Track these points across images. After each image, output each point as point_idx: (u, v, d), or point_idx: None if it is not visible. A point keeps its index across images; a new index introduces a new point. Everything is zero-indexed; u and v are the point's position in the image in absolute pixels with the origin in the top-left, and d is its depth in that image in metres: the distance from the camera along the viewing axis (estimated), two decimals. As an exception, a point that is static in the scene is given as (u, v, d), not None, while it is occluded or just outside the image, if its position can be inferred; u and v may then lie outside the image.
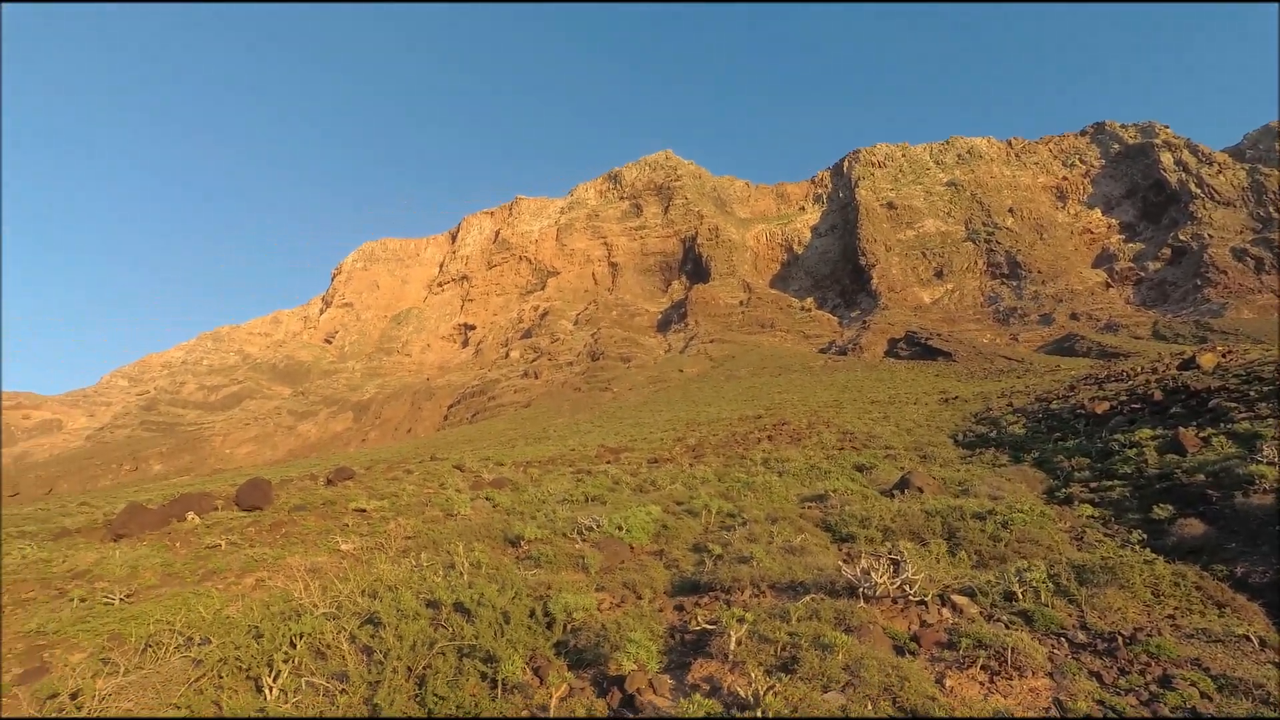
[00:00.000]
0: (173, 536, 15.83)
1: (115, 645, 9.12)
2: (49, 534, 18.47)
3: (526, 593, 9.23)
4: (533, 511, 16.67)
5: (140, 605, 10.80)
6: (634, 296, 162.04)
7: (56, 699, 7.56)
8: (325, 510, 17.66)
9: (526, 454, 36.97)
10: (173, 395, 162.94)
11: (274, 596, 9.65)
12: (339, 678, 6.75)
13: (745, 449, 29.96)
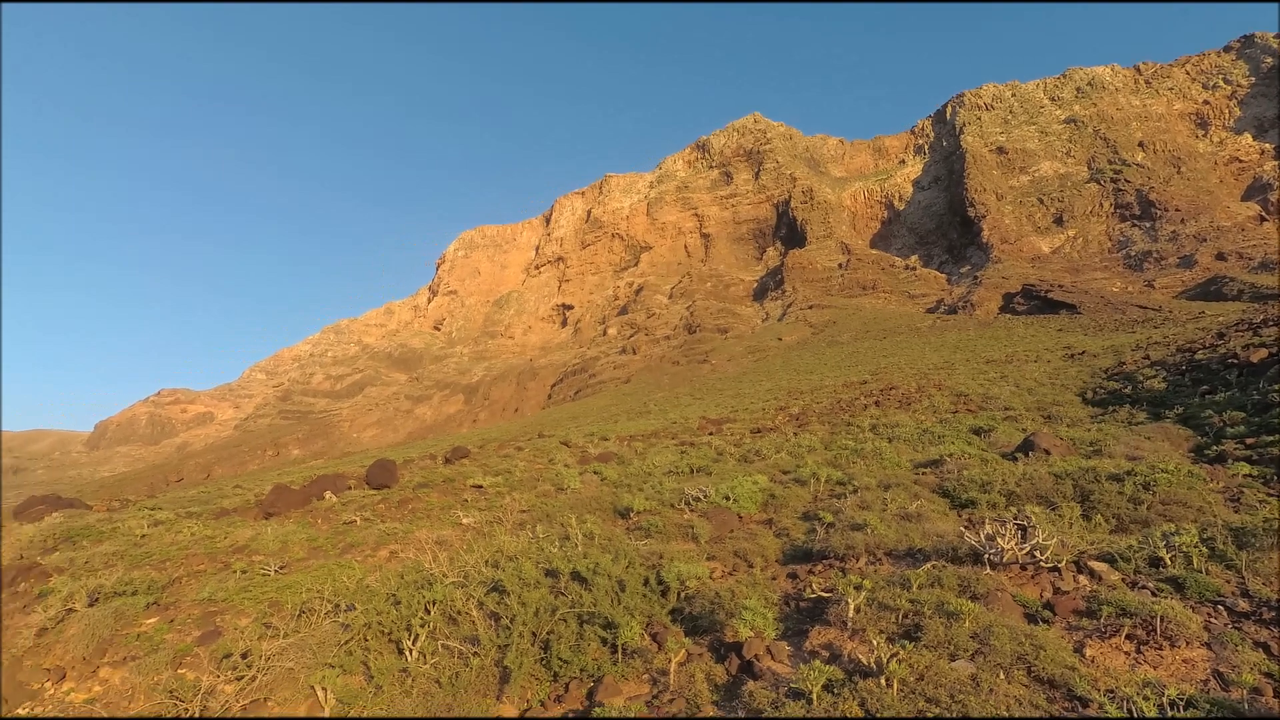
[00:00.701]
0: (314, 514, 17.26)
1: (274, 611, 10.10)
2: (211, 514, 20.57)
3: (639, 562, 9.44)
4: (639, 484, 16.96)
5: (292, 576, 11.88)
6: (728, 266, 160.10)
7: (230, 658, 8.47)
8: (446, 487, 18.70)
9: (629, 428, 37.59)
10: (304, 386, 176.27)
11: (407, 567, 10.36)
12: (471, 641, 7.19)
13: (852, 415, 29.16)
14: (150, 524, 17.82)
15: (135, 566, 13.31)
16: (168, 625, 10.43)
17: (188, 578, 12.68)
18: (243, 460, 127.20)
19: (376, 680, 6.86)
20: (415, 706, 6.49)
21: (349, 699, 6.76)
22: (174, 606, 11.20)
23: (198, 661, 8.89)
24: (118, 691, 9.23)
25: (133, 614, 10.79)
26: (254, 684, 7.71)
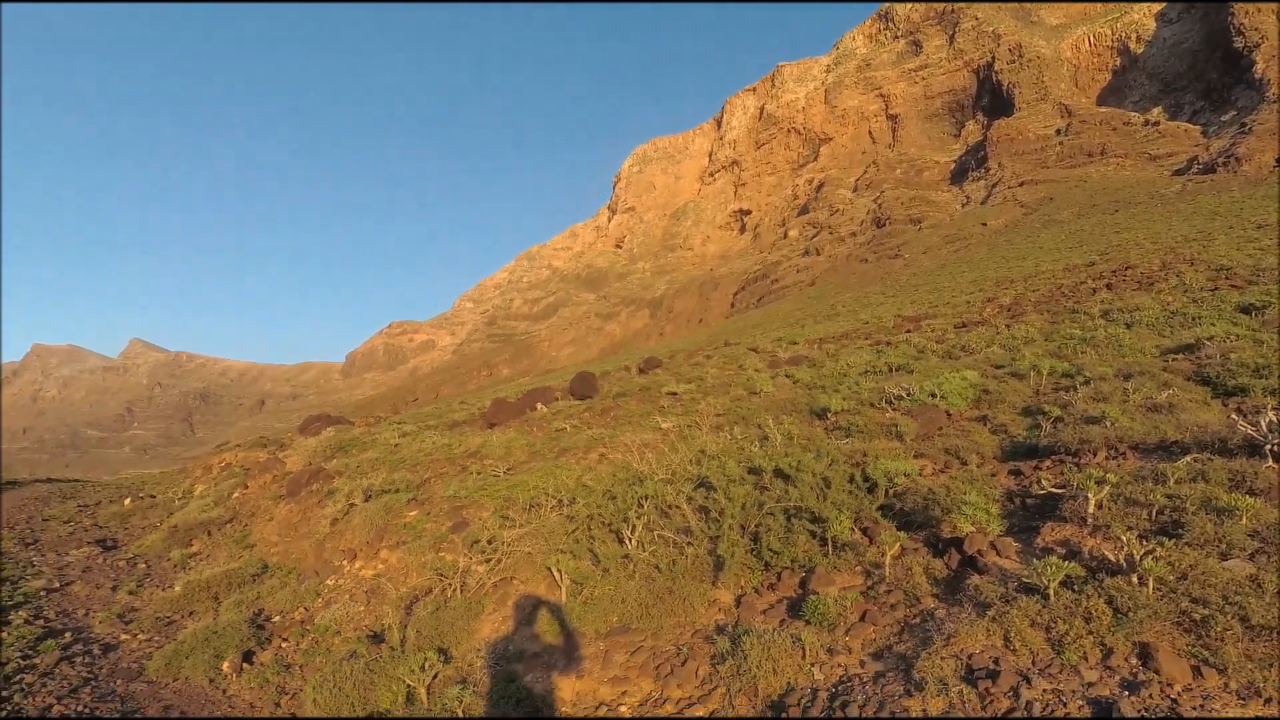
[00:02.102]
0: (529, 423, 18.98)
1: (508, 506, 11.39)
2: (445, 425, 23.40)
3: (843, 460, 9.30)
4: (834, 385, 16.54)
5: (518, 476, 13.27)
6: (919, 149, 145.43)
7: (478, 544, 9.75)
8: (642, 395, 19.59)
9: (817, 332, 36.53)
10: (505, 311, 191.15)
11: (617, 467, 11.11)
12: (684, 532, 7.60)
13: (1076, 301, 25.85)
14: (399, 435, 20.72)
15: (394, 470, 15.61)
16: (425, 517, 12.22)
17: (434, 478, 14.63)
18: (463, 380, 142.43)
19: (603, 564, 7.55)
20: (639, 589, 7.07)
21: (581, 579, 7.53)
22: (428, 502, 13.04)
23: (453, 546, 10.35)
24: (395, 569, 11.06)
25: (398, 508, 12.75)
26: (500, 565, 8.84)
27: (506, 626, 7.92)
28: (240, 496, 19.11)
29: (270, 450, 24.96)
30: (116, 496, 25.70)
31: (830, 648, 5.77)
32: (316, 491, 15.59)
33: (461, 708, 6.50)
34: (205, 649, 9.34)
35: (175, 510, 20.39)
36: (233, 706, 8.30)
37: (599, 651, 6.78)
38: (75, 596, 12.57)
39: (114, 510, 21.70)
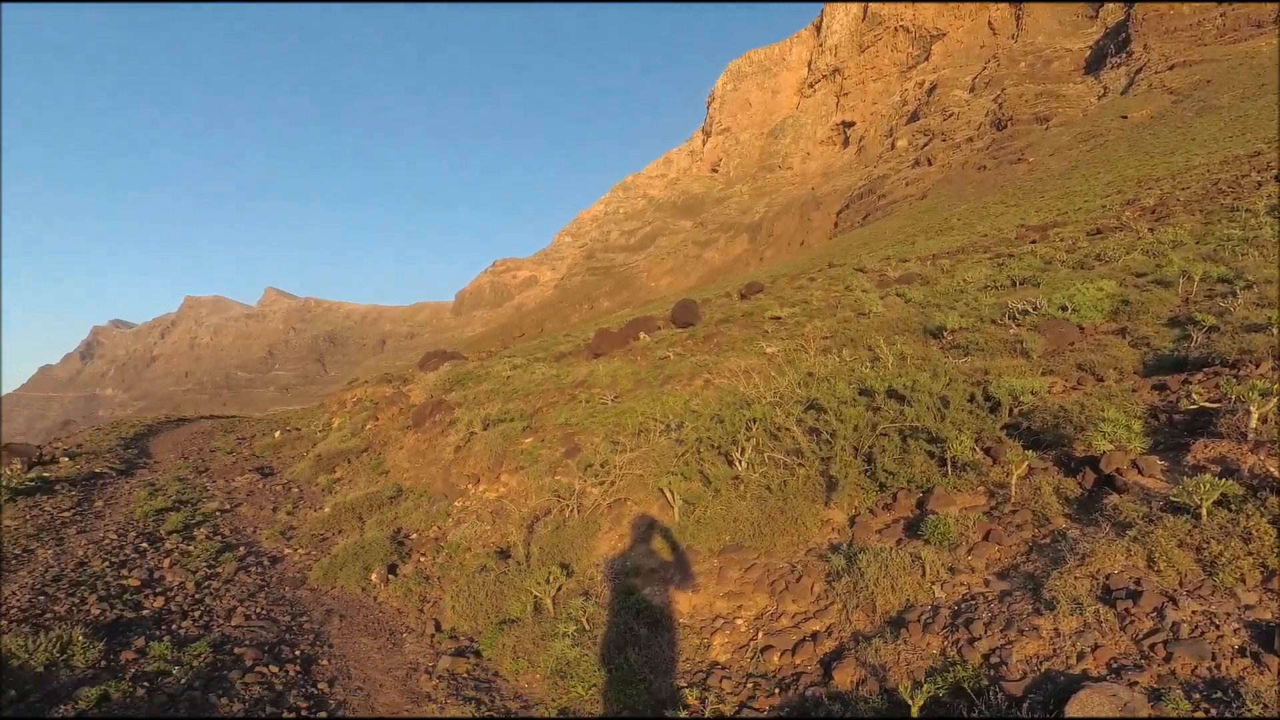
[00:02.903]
0: (633, 352, 19.25)
1: (617, 431, 11.72)
2: (552, 357, 24.15)
3: (961, 379, 8.86)
4: (950, 302, 15.65)
5: (625, 404, 13.57)
6: (1048, 36, 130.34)
7: (591, 468, 10.13)
8: (745, 321, 19.34)
9: (930, 248, 34.46)
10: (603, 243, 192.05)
11: (722, 392, 11.12)
12: (794, 454, 7.56)
13: (1237, 197, 22.90)
14: (510, 368, 21.59)
15: (508, 400, 16.36)
16: (540, 443, 12.79)
17: (546, 407, 15.21)
18: (565, 315, 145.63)
19: (714, 486, 7.67)
20: (750, 508, 7.16)
21: (692, 500, 7.70)
22: (541, 429, 13.63)
23: (568, 470, 10.81)
24: (515, 491, 11.73)
25: (514, 435, 13.40)
26: (613, 487, 9.17)
27: (622, 544, 8.27)
28: (372, 428, 20.67)
29: (395, 385, 26.75)
30: (268, 430, 28.50)
31: (952, 567, 5.65)
32: (439, 422, 16.63)
33: (585, 617, 6.91)
34: (355, 562, 10.37)
35: (318, 441, 22.40)
36: (383, 611, 9.23)
37: (713, 568, 6.97)
38: (243, 516, 14.19)
39: (267, 442, 24.12)
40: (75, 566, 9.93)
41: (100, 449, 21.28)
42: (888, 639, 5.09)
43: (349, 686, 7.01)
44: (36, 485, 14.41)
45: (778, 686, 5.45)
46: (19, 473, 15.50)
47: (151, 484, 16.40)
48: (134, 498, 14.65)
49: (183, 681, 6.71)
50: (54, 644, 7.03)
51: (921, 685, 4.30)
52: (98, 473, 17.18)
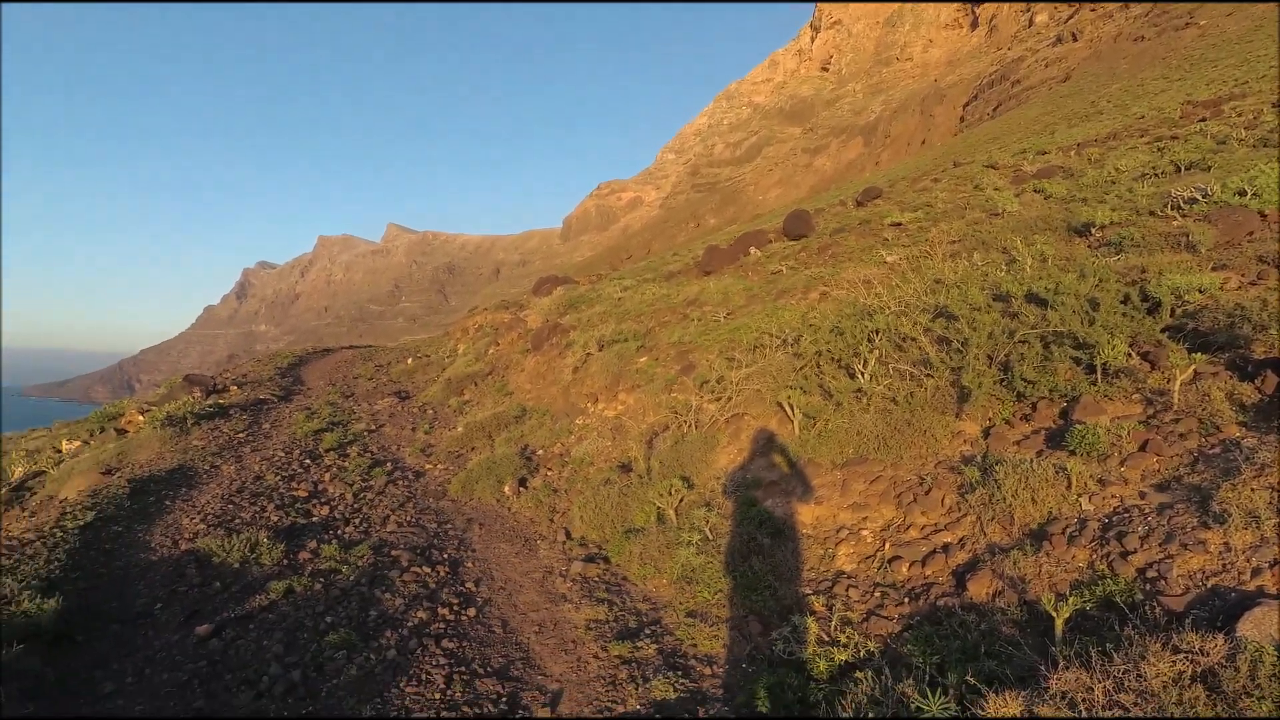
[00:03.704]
0: (744, 268, 18.83)
1: (731, 348, 11.63)
2: (661, 277, 24.09)
3: (1113, 278, 8.03)
4: (1099, 195, 14.08)
5: (738, 320, 13.39)
6: None
7: (707, 384, 10.16)
8: (862, 229, 18.35)
9: (1073, 136, 30.87)
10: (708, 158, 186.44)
11: (841, 304, 10.70)
12: (922, 364, 7.21)
13: None
14: (621, 290, 21.78)
15: (621, 321, 16.57)
16: (655, 362, 12.94)
17: (658, 327, 15.29)
18: (671, 234, 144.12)
19: (835, 399, 7.49)
20: (874, 421, 6.96)
21: (812, 413, 7.58)
22: (655, 348, 13.75)
23: (684, 387, 10.91)
24: (633, 409, 12.01)
25: (629, 355, 13.62)
26: (730, 403, 9.18)
27: (741, 458, 8.33)
28: (494, 352, 21.67)
29: (512, 311, 27.75)
30: (400, 358, 30.57)
31: (1101, 479, 5.28)
32: (556, 344, 17.16)
33: (708, 527, 7.08)
34: (489, 476, 11.10)
35: (446, 366, 23.81)
36: (517, 520, 9.89)
37: (835, 480, 6.89)
38: (387, 436, 15.46)
39: (401, 369, 25.92)
40: (253, 480, 11.26)
41: (262, 378, 23.67)
42: (1027, 552, 4.88)
43: (493, 586, 7.63)
44: (214, 411, 16.28)
45: (907, 596, 5.40)
46: (200, 400, 17.56)
47: (307, 408, 18.13)
48: (294, 420, 16.28)
49: (351, 579, 7.54)
50: (245, 545, 8.06)
51: (1067, 598, 4.11)
52: (262, 399, 19.16)
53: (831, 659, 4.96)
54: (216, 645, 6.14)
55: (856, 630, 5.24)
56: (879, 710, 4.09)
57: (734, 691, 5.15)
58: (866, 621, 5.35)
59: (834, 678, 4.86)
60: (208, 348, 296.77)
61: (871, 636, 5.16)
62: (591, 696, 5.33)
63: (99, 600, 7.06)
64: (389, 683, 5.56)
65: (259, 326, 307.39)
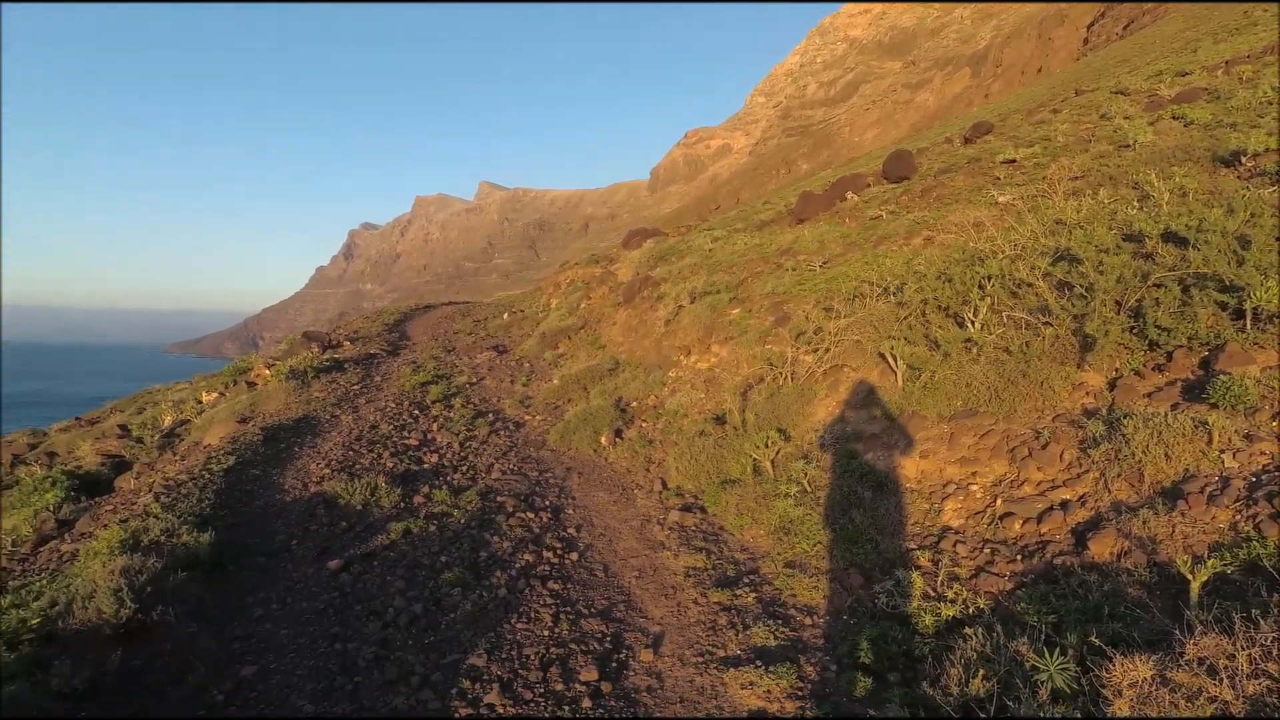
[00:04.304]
0: (840, 214, 18.11)
1: (829, 298, 11.29)
2: (752, 227, 23.54)
3: (1269, 213, 7.18)
4: (1252, 119, 12.54)
5: (835, 269, 12.95)
6: None
7: (803, 335, 9.94)
8: (971, 168, 17.18)
9: (1220, 53, 27.41)
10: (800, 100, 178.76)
11: (948, 249, 10.13)
12: (1039, 312, 6.76)
13: None
14: (711, 240, 21.46)
15: (712, 272, 16.37)
16: (748, 314, 12.75)
17: (750, 278, 15.01)
18: (761, 182, 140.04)
19: (943, 349, 7.16)
20: (985, 372, 6.61)
21: (917, 364, 7.28)
22: (748, 300, 13.54)
23: (778, 338, 10.72)
24: (726, 361, 11.94)
25: (721, 307, 13.48)
26: (828, 354, 8.96)
27: (840, 410, 8.15)
28: (586, 306, 21.98)
29: (602, 265, 27.95)
30: (496, 313, 31.54)
31: (1248, 434, 4.83)
32: (647, 297, 17.20)
33: (806, 479, 7.02)
34: (585, 427, 11.39)
35: (540, 321, 24.39)
36: (613, 470, 10.14)
37: (942, 434, 6.64)
38: (487, 388, 16.09)
39: (497, 324, 26.77)
40: (369, 429, 12.03)
41: (371, 334, 25.06)
42: (1159, 511, 4.56)
43: (593, 532, 7.90)
44: (331, 365, 17.42)
45: (1020, 553, 5.19)
46: (318, 355, 18.82)
47: (413, 362, 19.09)
48: (402, 373, 17.20)
49: (462, 522, 7.99)
50: (366, 489, 8.67)
51: (1204, 560, 3.83)
52: (372, 353, 20.32)
53: (938, 614, 4.86)
54: (346, 579, 6.69)
55: (964, 586, 5.10)
56: (990, 667, 3.99)
57: (835, 642, 5.15)
58: (975, 578, 5.19)
59: (940, 633, 4.77)
60: (320, 306, 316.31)
61: (981, 593, 5.01)
62: (692, 640, 5.47)
63: (244, 536, 7.81)
64: (501, 619, 5.90)
65: (365, 285, 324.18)
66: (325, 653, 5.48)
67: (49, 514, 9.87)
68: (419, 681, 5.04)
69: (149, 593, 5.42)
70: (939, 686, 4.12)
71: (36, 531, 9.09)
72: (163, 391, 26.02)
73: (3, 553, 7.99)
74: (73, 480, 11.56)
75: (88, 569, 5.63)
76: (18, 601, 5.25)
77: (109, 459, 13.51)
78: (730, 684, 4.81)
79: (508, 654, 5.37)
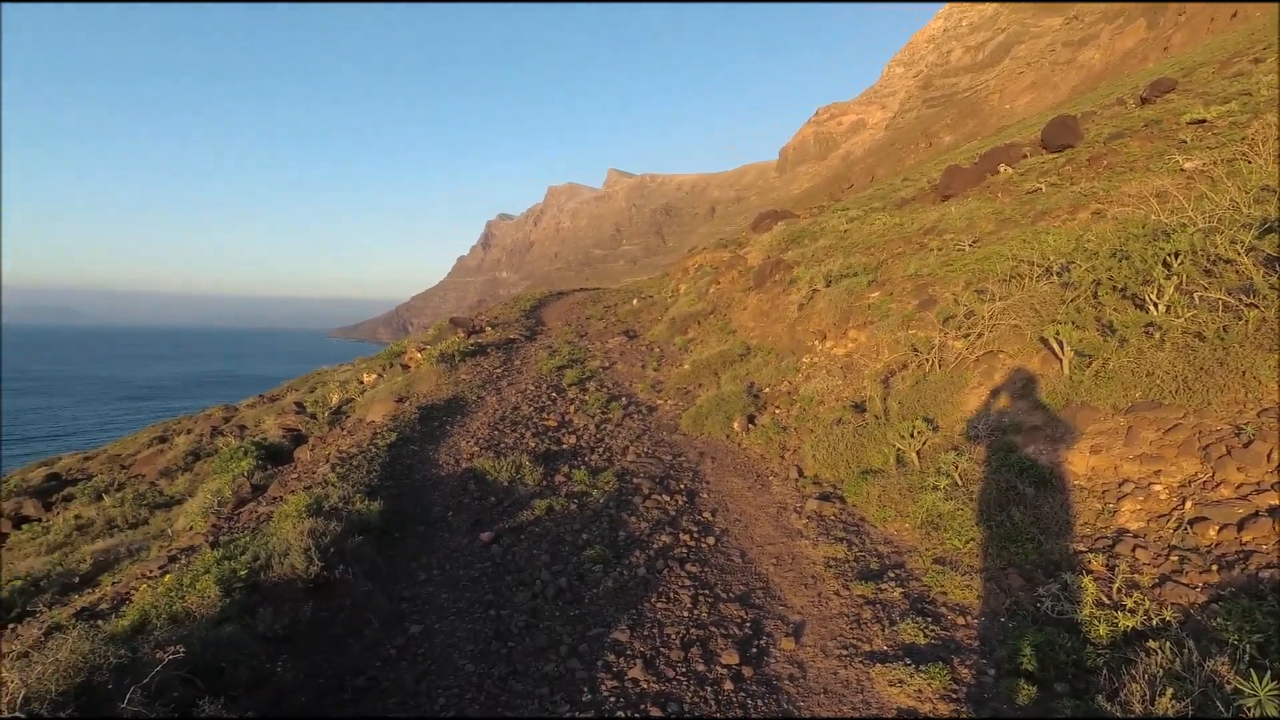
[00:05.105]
0: (991, 189, 16.81)
1: (980, 279, 10.54)
2: (891, 205, 22.42)
3: None
4: None
5: (987, 248, 12.06)
6: None
7: (953, 319, 9.35)
8: (1149, 132, 15.36)
9: None
10: (943, 67, 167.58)
11: (1125, 223, 9.14)
12: (1241, 292, 5.95)
13: None
14: (846, 221, 20.66)
15: (849, 254, 15.76)
16: (888, 297, 12.18)
17: (891, 259, 14.32)
18: (899, 157, 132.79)
19: (1119, 334, 6.48)
20: (1171, 360, 5.91)
21: (1088, 350, 6.63)
22: (888, 283, 12.92)
23: (923, 323, 10.17)
24: (865, 347, 11.49)
25: (859, 290, 12.96)
26: (980, 340, 8.38)
27: (995, 400, 7.62)
28: (715, 291, 21.88)
29: (731, 250, 27.67)
30: (625, 299, 32.12)
31: None
32: (779, 281, 16.85)
33: (958, 472, 6.63)
34: (718, 412, 11.38)
35: (668, 306, 24.56)
36: (747, 456, 10.07)
37: (1118, 427, 6.03)
38: (619, 372, 16.46)
39: (627, 309, 27.25)
40: (511, 410, 12.68)
41: (509, 320, 26.34)
42: (1402, 523, 3.91)
43: (728, 518, 7.91)
44: (475, 349, 18.50)
45: (1215, 563, 4.63)
46: (463, 340, 20.04)
47: (549, 347, 19.88)
48: (539, 358, 17.96)
49: (600, 502, 8.26)
50: (511, 466, 9.16)
51: None
52: (511, 338, 21.36)
53: (1114, 623, 4.45)
54: (497, 550, 7.12)
55: (1146, 595, 4.63)
56: (1181, 686, 3.61)
57: (992, 645, 4.85)
58: (1159, 587, 4.70)
59: (1116, 644, 4.38)
60: (461, 294, 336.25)
61: (1166, 604, 4.53)
62: (835, 632, 5.35)
63: (406, 505, 8.51)
64: (641, 597, 6.06)
65: (500, 273, 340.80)
66: (481, 617, 5.87)
67: (244, 479, 11.25)
68: (567, 651, 5.28)
69: (332, 553, 6.04)
70: (1117, 702, 3.78)
71: (235, 494, 10.39)
72: (330, 372, 28.80)
73: (213, 512, 9.20)
74: (260, 450, 13.08)
75: (281, 529, 6.36)
76: (228, 554, 6.02)
77: (288, 432, 15.13)
78: (877, 680, 4.66)
79: (649, 631, 5.51)
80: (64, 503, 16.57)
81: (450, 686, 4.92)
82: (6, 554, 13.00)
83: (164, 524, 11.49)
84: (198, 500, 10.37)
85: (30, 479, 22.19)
